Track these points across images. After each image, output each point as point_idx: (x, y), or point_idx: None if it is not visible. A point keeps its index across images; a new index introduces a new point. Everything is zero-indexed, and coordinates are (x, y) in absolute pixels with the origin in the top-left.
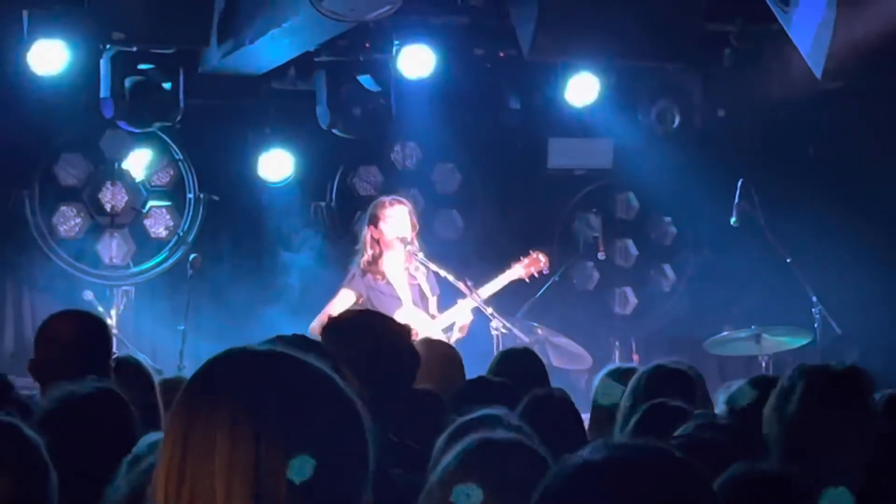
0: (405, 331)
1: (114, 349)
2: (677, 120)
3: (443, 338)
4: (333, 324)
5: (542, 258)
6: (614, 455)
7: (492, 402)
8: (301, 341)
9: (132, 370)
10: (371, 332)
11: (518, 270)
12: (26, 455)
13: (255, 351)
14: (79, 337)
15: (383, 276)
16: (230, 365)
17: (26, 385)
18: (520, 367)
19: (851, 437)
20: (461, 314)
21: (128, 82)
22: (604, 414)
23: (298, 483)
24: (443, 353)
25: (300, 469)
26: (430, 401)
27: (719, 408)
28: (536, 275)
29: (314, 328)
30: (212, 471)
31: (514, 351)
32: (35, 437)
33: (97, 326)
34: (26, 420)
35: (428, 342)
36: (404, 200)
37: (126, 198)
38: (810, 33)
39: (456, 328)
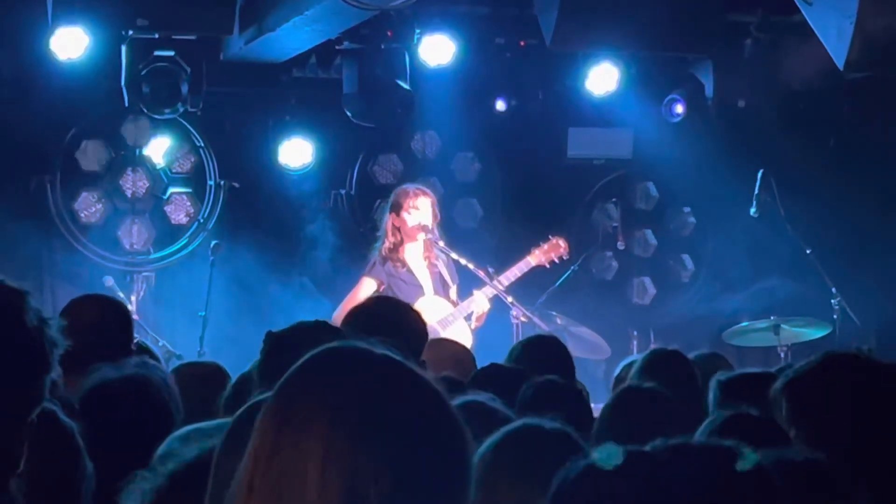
0: (417, 314)
1: (134, 334)
2: (686, 110)
3: (465, 325)
4: (354, 313)
5: (562, 244)
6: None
7: (504, 389)
8: (323, 328)
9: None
10: (388, 319)
11: (538, 256)
12: (60, 440)
13: (355, 349)
14: (100, 322)
15: (404, 264)
16: (333, 361)
17: None
18: (544, 354)
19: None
20: (479, 303)
21: (148, 69)
22: None
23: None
24: (454, 352)
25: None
26: (452, 387)
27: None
28: (557, 260)
29: (337, 316)
30: (305, 468)
31: (539, 338)
32: (70, 423)
33: (119, 311)
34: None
35: (437, 342)
36: (428, 191)
37: (147, 184)
38: (832, 23)
39: (474, 317)
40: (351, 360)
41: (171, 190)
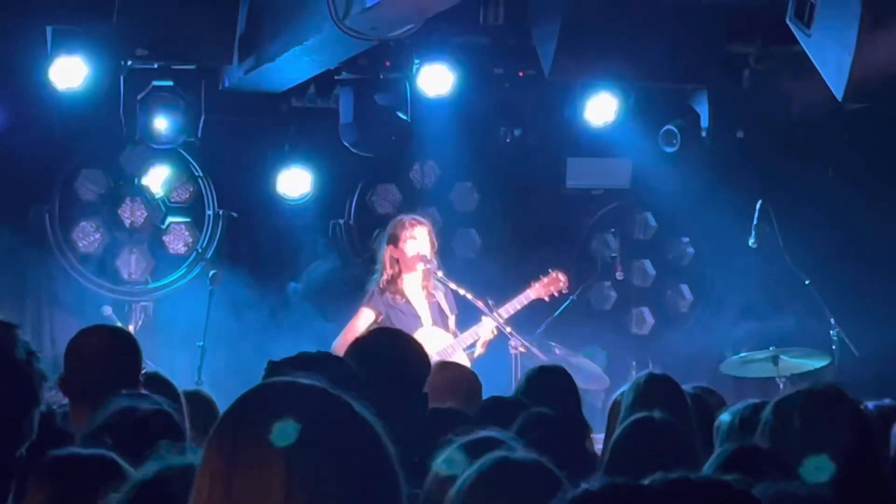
0: (419, 346)
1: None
2: (681, 140)
3: (465, 356)
4: (355, 345)
5: (562, 277)
6: (612, 484)
7: (509, 422)
8: (325, 358)
9: (160, 386)
10: (390, 351)
11: (538, 290)
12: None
13: (298, 385)
14: (109, 352)
15: (403, 295)
16: (273, 397)
17: (50, 400)
18: (551, 385)
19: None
20: (484, 331)
21: (147, 98)
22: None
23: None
24: (461, 376)
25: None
26: (453, 419)
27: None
28: (556, 294)
29: (337, 347)
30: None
31: (546, 368)
32: (131, 470)
33: (127, 342)
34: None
35: (445, 365)
36: (424, 220)
37: (145, 214)
38: (831, 55)
39: (479, 344)
40: (280, 392)
41: (170, 219)
